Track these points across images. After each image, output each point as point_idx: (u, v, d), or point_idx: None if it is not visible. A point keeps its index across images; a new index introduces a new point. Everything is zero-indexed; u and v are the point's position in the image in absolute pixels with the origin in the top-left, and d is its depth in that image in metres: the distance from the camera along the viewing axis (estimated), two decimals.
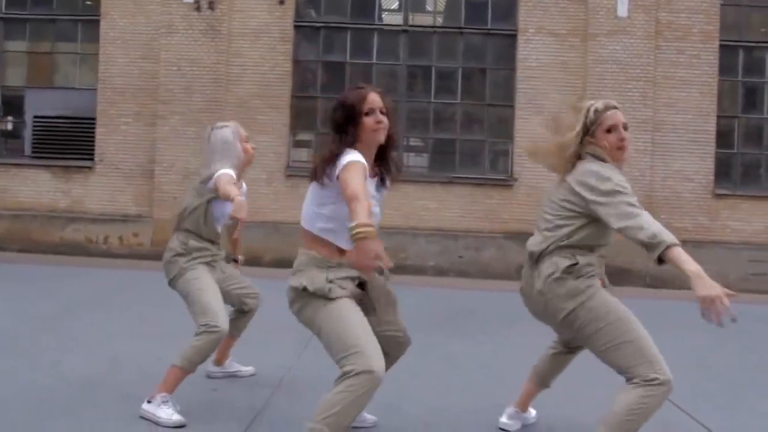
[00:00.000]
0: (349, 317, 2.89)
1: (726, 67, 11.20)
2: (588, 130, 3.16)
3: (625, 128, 3.17)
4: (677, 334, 6.30)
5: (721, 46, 11.08)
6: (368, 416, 3.70)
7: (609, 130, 3.14)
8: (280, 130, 11.11)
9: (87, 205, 11.43)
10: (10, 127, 12.04)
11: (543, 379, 3.70)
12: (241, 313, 4.43)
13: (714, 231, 11.02)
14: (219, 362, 4.52)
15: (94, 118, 11.43)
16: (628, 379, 2.97)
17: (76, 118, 11.55)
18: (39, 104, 11.64)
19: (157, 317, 6.36)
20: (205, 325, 3.69)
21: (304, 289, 2.92)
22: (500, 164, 11.45)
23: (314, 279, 2.92)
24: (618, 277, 3.60)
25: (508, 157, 11.30)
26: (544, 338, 3.80)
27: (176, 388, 3.67)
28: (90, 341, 5.34)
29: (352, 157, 2.85)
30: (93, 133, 11.43)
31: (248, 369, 4.62)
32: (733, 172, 11.35)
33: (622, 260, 9.86)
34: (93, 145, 11.44)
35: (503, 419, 3.75)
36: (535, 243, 3.20)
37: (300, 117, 11.44)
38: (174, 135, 11.12)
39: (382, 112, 3.00)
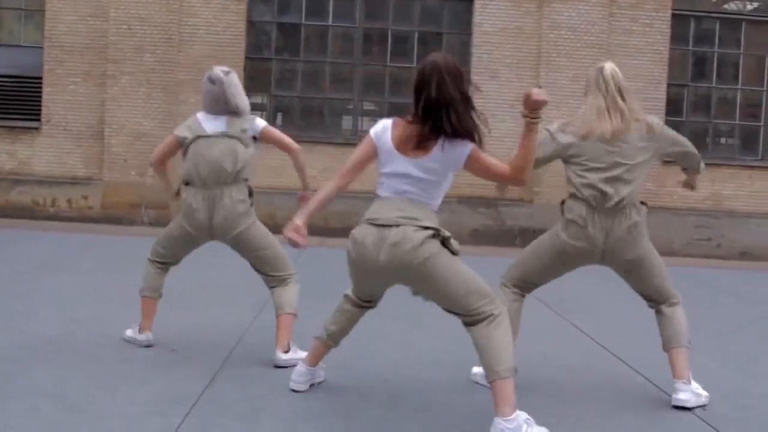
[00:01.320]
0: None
1: (677, 36, 11.39)
2: None
3: None
4: (624, 299, 6.48)
5: (673, 15, 11.25)
6: (322, 372, 3.73)
7: None
8: None
9: (34, 167, 11.14)
10: None
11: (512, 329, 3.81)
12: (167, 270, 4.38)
13: (661, 197, 11.28)
14: (150, 329, 4.28)
15: (40, 78, 11.09)
16: (665, 300, 3.73)
17: (22, 77, 11.20)
18: None
19: (115, 281, 6.29)
20: (293, 274, 4.19)
21: (446, 237, 3.08)
22: None
23: (442, 228, 3.11)
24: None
25: None
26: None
27: None
28: (50, 304, 5.25)
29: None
30: (39, 92, 11.10)
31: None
32: None
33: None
34: (40, 105, 11.11)
35: None
36: (622, 192, 3.58)
37: (253, 79, 11.28)
38: (124, 95, 10.87)
39: None
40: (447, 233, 3.10)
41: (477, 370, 3.88)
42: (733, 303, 7.18)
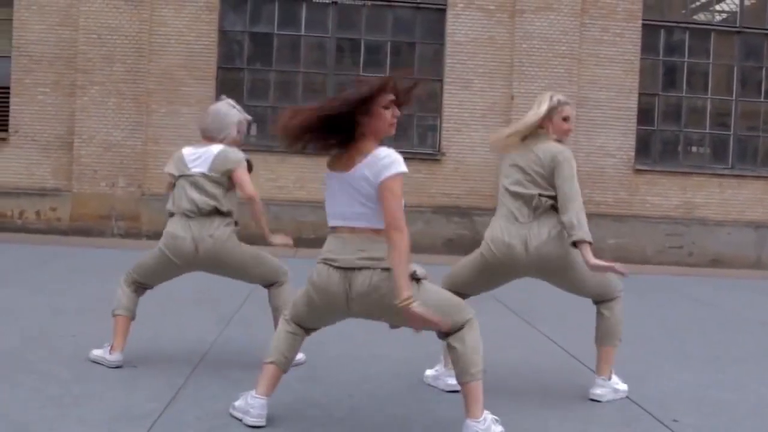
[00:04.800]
0: None
1: (648, 46, 11.49)
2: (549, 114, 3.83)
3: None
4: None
5: (643, 25, 11.34)
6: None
7: (564, 119, 3.87)
8: (205, 103, 10.81)
9: (1, 178, 10.96)
10: None
11: None
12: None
13: (633, 205, 11.36)
14: (122, 349, 4.09)
15: (8, 87, 10.94)
16: (608, 299, 3.88)
17: None
18: None
19: (74, 294, 6.16)
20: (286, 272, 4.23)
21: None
22: (428, 139, 11.49)
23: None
24: None
25: (436, 131, 11.34)
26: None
27: None
28: (4, 318, 5.12)
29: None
30: (7, 102, 10.94)
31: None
32: (653, 149, 11.69)
33: None
34: (7, 116, 10.95)
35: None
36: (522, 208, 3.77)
37: (225, 89, 11.16)
38: (94, 106, 10.75)
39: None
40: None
41: (430, 372, 4.00)
42: (701, 310, 7.20)
